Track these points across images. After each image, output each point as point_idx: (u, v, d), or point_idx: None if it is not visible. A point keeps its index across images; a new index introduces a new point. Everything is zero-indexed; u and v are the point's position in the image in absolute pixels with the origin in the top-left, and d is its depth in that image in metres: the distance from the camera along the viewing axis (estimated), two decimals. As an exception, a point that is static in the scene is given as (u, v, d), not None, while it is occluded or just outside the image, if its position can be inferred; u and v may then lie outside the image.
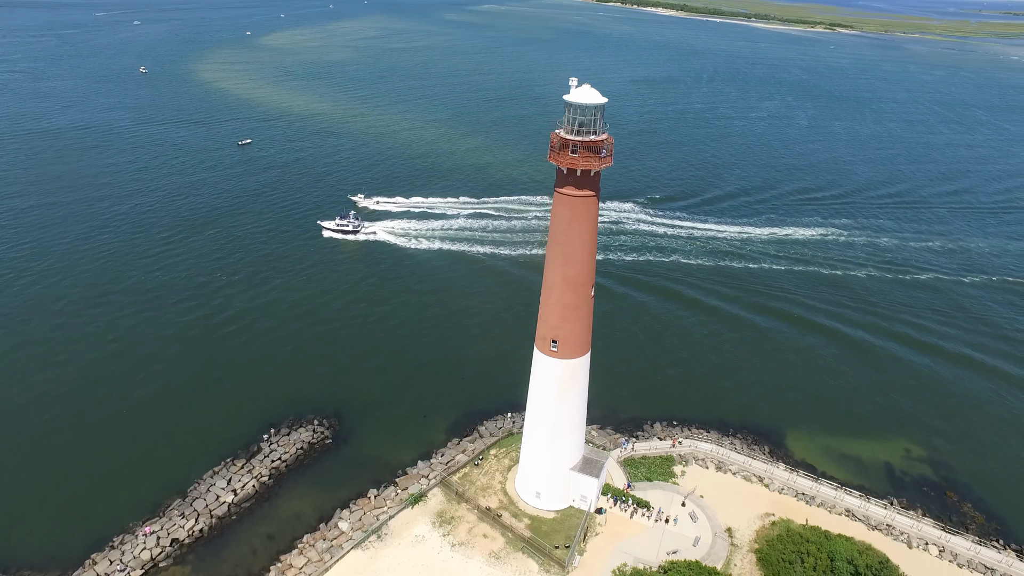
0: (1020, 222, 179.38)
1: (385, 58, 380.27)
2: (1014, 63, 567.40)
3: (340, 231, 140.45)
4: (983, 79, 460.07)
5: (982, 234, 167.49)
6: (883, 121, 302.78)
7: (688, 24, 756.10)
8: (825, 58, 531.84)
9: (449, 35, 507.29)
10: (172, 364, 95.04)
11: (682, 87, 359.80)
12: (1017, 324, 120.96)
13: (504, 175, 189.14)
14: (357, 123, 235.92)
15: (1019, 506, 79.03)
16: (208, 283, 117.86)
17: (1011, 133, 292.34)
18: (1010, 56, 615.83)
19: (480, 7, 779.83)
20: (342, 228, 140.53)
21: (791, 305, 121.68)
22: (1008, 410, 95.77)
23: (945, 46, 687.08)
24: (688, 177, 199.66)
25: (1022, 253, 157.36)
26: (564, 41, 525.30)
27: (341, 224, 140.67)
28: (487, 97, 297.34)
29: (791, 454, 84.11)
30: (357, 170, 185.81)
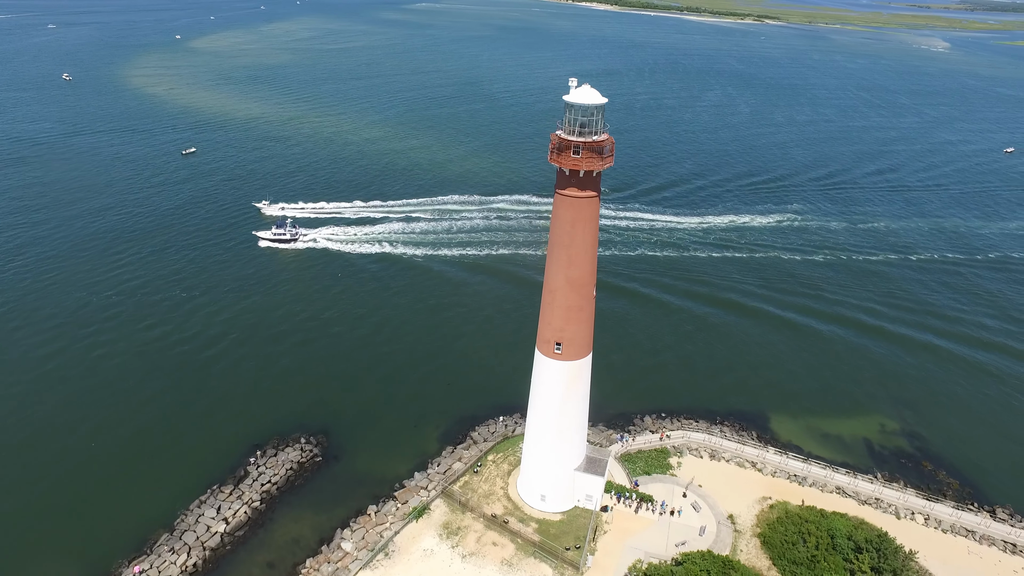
0: (950, 202, 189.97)
1: (326, 60, 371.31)
2: (925, 52, 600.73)
3: (278, 240, 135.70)
4: (902, 67, 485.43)
5: (919, 215, 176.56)
6: (819, 108, 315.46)
7: (624, 18, 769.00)
8: (758, 49, 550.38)
9: (387, 34, 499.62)
10: (140, 391, 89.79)
11: (626, 80, 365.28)
12: (956, 303, 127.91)
13: (449, 173, 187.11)
14: (303, 127, 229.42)
15: (985, 469, 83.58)
16: (162, 301, 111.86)
17: (932, 117, 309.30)
18: (921, 45, 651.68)
19: (414, 5, 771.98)
20: (279, 237, 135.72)
21: (757, 295, 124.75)
22: (961, 383, 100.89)
23: (864, 36, 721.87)
24: (642, 169, 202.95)
25: (958, 233, 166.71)
26: (504, 37, 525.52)
27: (278, 233, 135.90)
28: (431, 96, 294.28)
29: (778, 437, 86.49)
30: (305, 175, 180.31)
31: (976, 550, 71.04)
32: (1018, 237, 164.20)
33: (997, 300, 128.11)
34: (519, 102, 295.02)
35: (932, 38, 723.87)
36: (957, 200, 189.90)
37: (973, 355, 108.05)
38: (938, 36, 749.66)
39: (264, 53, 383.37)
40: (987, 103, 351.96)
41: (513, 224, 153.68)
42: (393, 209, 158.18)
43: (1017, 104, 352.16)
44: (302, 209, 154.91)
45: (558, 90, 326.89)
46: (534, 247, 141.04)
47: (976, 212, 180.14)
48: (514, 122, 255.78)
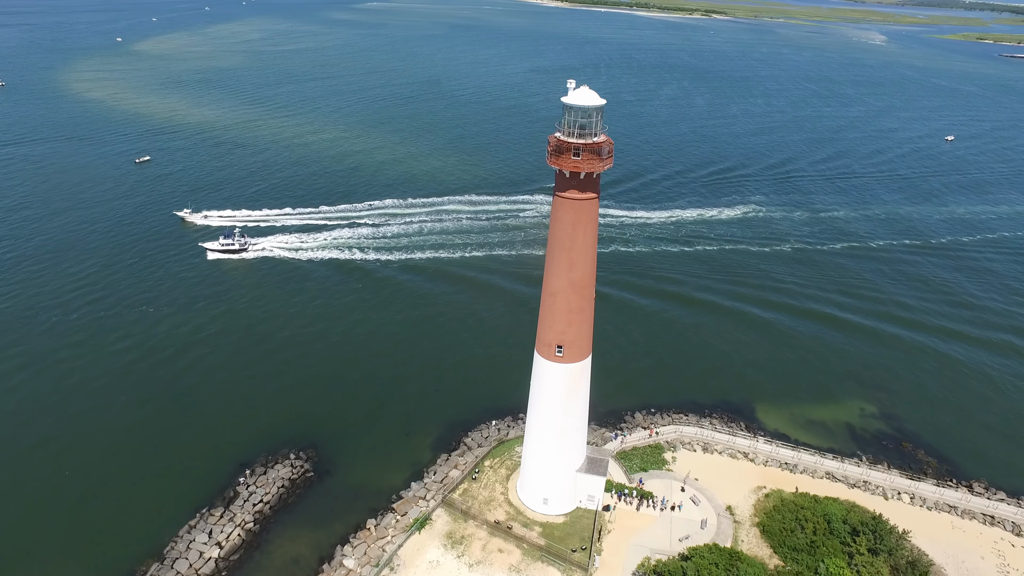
0: (901, 190, 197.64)
1: (279, 61, 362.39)
2: (865, 44, 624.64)
3: (226, 251, 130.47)
4: (845, 59, 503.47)
5: (874, 203, 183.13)
6: (771, 100, 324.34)
7: (575, 14, 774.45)
8: (708, 43, 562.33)
9: (339, 35, 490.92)
10: (114, 415, 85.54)
11: (583, 76, 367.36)
12: (915, 291, 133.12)
13: (411, 175, 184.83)
14: (261, 130, 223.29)
15: (958, 446, 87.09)
16: (126, 319, 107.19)
17: (877, 107, 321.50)
18: (860, 38, 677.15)
19: (364, 5, 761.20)
20: (228, 248, 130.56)
21: (730, 291, 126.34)
22: (926, 367, 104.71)
23: (808, 30, 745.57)
24: None
25: (911, 220, 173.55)
26: (457, 35, 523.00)
27: (226, 244, 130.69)
28: (389, 96, 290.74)
29: (765, 427, 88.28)
30: (260, 180, 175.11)
31: (959, 524, 73.99)
32: (965, 222, 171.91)
33: (950, 286, 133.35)
34: (479, 99, 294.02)
35: (870, 31, 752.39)
36: (907, 188, 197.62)
37: (935, 340, 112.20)
38: (875, 30, 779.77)
39: (214, 56, 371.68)
40: (925, 93, 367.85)
41: (485, 225, 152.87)
42: (349, 213, 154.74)
43: (952, 94, 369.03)
44: (251, 217, 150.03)
45: (516, 87, 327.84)
46: (507, 247, 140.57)
47: (925, 199, 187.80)
48: (476, 120, 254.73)
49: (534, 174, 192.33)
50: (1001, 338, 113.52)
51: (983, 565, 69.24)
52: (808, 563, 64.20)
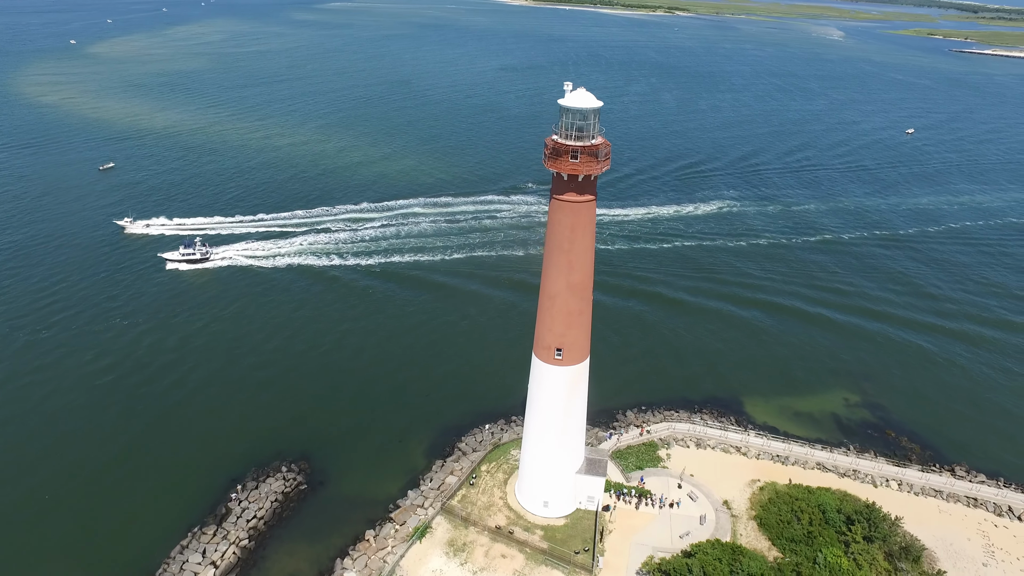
0: (868, 183, 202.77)
1: (244, 64, 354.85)
2: (824, 40, 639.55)
3: (187, 261, 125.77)
4: (806, 54, 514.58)
5: (843, 196, 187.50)
6: (738, 95, 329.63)
7: (541, 13, 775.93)
8: (673, 40, 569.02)
9: (305, 36, 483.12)
10: (95, 433, 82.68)
11: (552, 73, 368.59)
12: (888, 282, 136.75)
13: (383, 177, 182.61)
14: (230, 135, 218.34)
15: (939, 432, 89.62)
16: (95, 333, 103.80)
17: (840, 101, 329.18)
18: (819, 34, 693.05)
19: (327, 5, 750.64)
20: (189, 258, 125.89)
21: (713, 284, 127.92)
22: (903, 356, 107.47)
23: (768, 25, 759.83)
24: None
25: (880, 212, 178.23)
26: (424, 35, 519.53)
27: (187, 253, 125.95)
28: (358, 96, 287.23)
29: (754, 420, 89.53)
30: (231, 185, 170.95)
31: (945, 508, 76.14)
32: (930, 213, 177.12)
33: (918, 277, 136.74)
34: (449, 99, 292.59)
35: (828, 27, 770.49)
36: (873, 180, 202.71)
37: (907, 331, 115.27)
38: (832, 25, 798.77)
39: (176, 58, 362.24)
40: (884, 87, 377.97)
41: (463, 226, 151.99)
42: (317, 218, 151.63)
43: (909, 88, 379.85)
44: (209, 224, 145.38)
45: (487, 85, 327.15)
46: (487, 248, 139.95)
47: (891, 192, 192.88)
48: (447, 119, 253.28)
49: (509, 174, 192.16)
50: (967, 327, 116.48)
51: (970, 546, 71.33)
52: (807, 554, 65.25)
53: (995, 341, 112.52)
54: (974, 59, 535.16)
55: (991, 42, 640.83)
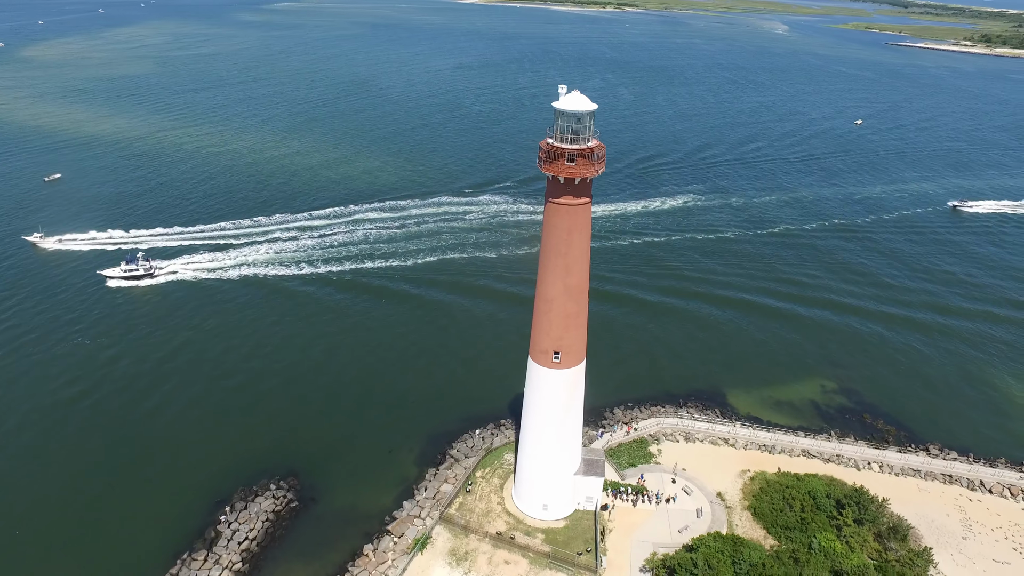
0: (822, 173, 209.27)
1: (193, 67, 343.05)
2: (770, 33, 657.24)
3: (129, 277, 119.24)
4: (754, 48, 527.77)
5: (802, 187, 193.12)
6: (693, 89, 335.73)
7: (492, 11, 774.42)
8: (625, 35, 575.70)
9: (253, 37, 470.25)
10: (73, 461, 78.56)
11: (508, 72, 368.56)
12: (852, 271, 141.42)
13: (342, 181, 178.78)
14: (182, 140, 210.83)
15: (910, 412, 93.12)
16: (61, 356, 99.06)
17: (790, 94, 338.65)
18: (765, 28, 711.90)
19: (274, 5, 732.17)
20: (131, 274, 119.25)
21: (681, 280, 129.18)
22: (873, 340, 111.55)
23: (716, 20, 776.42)
24: (533, 160, 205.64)
25: (838, 201, 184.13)
26: (377, 35, 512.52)
27: (129, 269, 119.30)
28: (314, 99, 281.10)
29: (738, 411, 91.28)
30: (182, 193, 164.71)
31: (924, 487, 79.22)
32: (887, 200, 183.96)
33: (875, 267, 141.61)
34: (407, 98, 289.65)
35: (773, 21, 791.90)
36: (828, 171, 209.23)
37: (871, 319, 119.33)
38: (777, 19, 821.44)
39: (118, 62, 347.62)
40: (831, 79, 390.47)
41: (432, 228, 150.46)
42: (273, 226, 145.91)
43: (854, 80, 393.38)
44: (147, 236, 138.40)
45: (444, 83, 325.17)
46: (458, 250, 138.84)
47: (846, 181, 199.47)
48: (407, 120, 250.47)
49: (474, 173, 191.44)
50: (920, 315, 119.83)
51: (949, 522, 74.39)
52: (801, 540, 66.92)
53: (947, 326, 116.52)
54: (909, 52, 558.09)
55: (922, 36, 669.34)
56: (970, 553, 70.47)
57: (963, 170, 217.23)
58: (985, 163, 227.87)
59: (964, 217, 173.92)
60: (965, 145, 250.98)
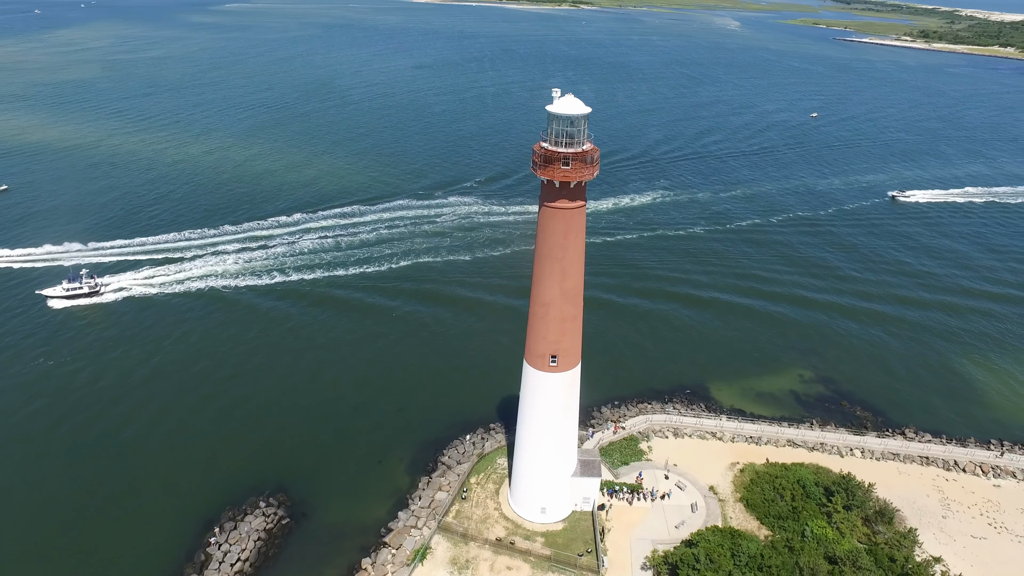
0: (783, 165, 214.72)
1: (143, 71, 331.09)
2: (723, 29, 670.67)
3: (73, 296, 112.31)
4: (709, 44, 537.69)
5: (765, 180, 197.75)
6: (653, 85, 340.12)
7: (448, 10, 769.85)
8: (582, 33, 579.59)
9: (205, 39, 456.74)
10: (50, 491, 74.94)
11: (469, 71, 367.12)
12: (821, 262, 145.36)
13: (303, 186, 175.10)
14: (136, 148, 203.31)
15: (885, 398, 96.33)
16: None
17: (748, 88, 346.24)
18: (718, 24, 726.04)
19: (224, 7, 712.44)
20: (75, 292, 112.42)
21: (651, 278, 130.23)
22: (845, 329, 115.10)
23: (670, 17, 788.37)
24: (511, 158, 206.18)
25: (801, 192, 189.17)
26: (332, 35, 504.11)
27: (72, 288, 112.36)
28: (272, 101, 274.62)
29: (722, 405, 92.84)
30: (119, 205, 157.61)
31: (904, 469, 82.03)
32: (837, 192, 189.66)
33: (837, 259, 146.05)
34: (369, 99, 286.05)
35: (725, 17, 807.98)
36: (787, 164, 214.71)
37: (847, 309, 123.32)
38: (729, 16, 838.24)
39: (61, 66, 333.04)
40: (784, 74, 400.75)
41: (403, 232, 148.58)
42: (234, 235, 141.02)
43: (806, 74, 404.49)
44: (90, 251, 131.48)
45: (405, 83, 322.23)
46: (432, 254, 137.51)
47: (807, 175, 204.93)
48: (370, 121, 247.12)
49: (441, 173, 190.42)
50: (879, 306, 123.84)
51: (929, 502, 77.20)
52: (794, 528, 68.51)
53: (905, 314, 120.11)
54: (856, 47, 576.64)
55: (866, 31, 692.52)
56: (950, 531, 73.25)
57: (905, 160, 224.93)
58: (924, 153, 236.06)
59: (903, 207, 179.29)
60: (907, 136, 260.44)
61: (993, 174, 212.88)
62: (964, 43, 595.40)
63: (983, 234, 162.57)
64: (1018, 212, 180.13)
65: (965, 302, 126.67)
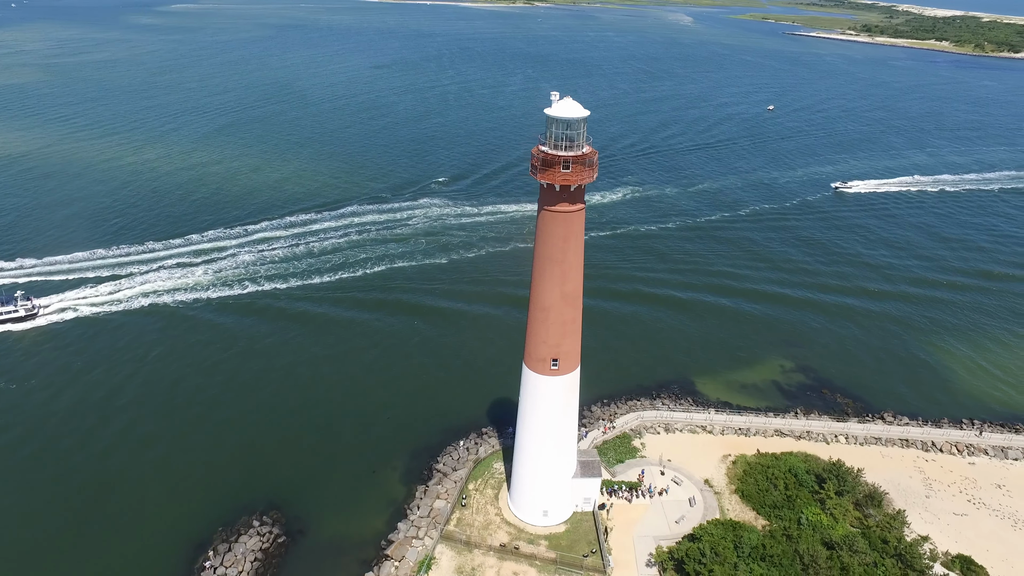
0: (745, 157, 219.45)
1: (88, 74, 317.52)
2: (677, 25, 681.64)
3: (7, 320, 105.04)
4: (665, 39, 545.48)
5: (730, 173, 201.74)
6: (613, 81, 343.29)
7: (402, 8, 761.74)
8: (538, 30, 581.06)
9: (153, 42, 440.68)
10: (33, 521, 71.37)
11: (428, 69, 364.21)
12: (791, 254, 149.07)
13: (266, 192, 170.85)
14: (83, 155, 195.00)
15: (862, 384, 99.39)
16: None
17: (705, 83, 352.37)
18: (672, 19, 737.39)
19: (169, 7, 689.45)
20: (11, 316, 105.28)
21: (627, 279, 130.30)
22: (819, 320, 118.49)
23: (625, 13, 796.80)
24: (479, 156, 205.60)
25: (765, 184, 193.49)
26: (286, 36, 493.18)
27: (5, 312, 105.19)
28: (229, 104, 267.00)
29: (708, 398, 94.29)
30: (75, 219, 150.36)
31: (886, 453, 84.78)
32: (801, 183, 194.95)
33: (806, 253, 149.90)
34: (330, 100, 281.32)
35: (678, 13, 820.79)
36: (742, 157, 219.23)
37: (820, 297, 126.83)
38: (681, 12, 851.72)
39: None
40: (740, 68, 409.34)
41: (375, 237, 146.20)
42: (193, 247, 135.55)
43: (760, 68, 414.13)
44: (41, 268, 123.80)
45: (364, 84, 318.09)
46: (407, 259, 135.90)
47: (766, 165, 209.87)
48: (332, 123, 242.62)
49: (408, 174, 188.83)
50: (838, 298, 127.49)
51: (912, 483, 80.00)
52: (790, 517, 70.05)
53: (866, 304, 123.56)
54: (805, 40, 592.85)
55: (813, 25, 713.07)
56: (934, 510, 76.03)
57: (849, 151, 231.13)
58: (869, 144, 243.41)
59: (846, 198, 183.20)
60: (856, 127, 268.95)
61: (934, 163, 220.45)
62: (904, 37, 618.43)
63: (929, 223, 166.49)
64: (956, 200, 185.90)
65: (917, 291, 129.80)
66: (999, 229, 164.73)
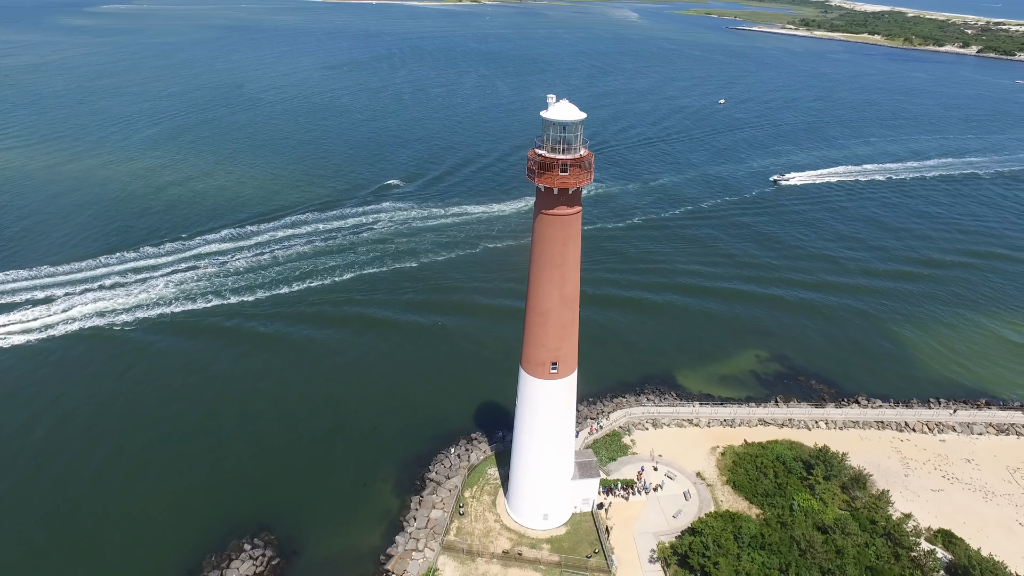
0: (698, 152, 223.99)
1: (14, 79, 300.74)
2: (624, 21, 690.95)
3: None
4: (612, 36, 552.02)
5: (686, 167, 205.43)
6: (566, 79, 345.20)
7: (348, 8, 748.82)
8: (487, 28, 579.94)
9: (87, 44, 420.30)
10: (28, 553, 67.08)
11: (380, 69, 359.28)
12: (751, 249, 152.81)
13: (217, 199, 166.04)
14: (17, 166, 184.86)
15: (834, 370, 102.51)
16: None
17: (656, 78, 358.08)
18: (618, 16, 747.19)
19: (101, 8, 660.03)
20: None
21: (598, 284, 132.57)
22: (788, 311, 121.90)
23: (572, 10, 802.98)
24: (433, 157, 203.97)
25: (719, 178, 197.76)
26: (231, 37, 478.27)
27: None
28: (177, 109, 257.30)
29: (691, 391, 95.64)
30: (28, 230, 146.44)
31: (865, 436, 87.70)
32: (752, 174, 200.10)
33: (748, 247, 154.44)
34: (280, 102, 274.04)
35: (624, 9, 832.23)
36: (703, 150, 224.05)
37: (792, 291, 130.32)
38: (627, 8, 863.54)
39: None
40: (688, 63, 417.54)
41: (342, 244, 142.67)
42: (148, 262, 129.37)
43: (708, 63, 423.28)
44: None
45: (315, 85, 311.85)
46: (377, 264, 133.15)
47: (719, 157, 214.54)
48: (286, 126, 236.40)
49: (369, 175, 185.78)
50: (804, 295, 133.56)
51: (891, 463, 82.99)
52: (782, 504, 71.69)
53: (823, 301, 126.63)
54: (748, 35, 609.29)
55: (754, 20, 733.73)
56: (914, 488, 79.04)
57: (792, 142, 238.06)
58: (808, 133, 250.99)
59: (784, 190, 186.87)
60: (796, 117, 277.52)
61: (872, 152, 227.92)
62: (839, 31, 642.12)
63: (873, 214, 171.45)
64: (892, 188, 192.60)
65: (863, 282, 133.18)
66: (940, 217, 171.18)
